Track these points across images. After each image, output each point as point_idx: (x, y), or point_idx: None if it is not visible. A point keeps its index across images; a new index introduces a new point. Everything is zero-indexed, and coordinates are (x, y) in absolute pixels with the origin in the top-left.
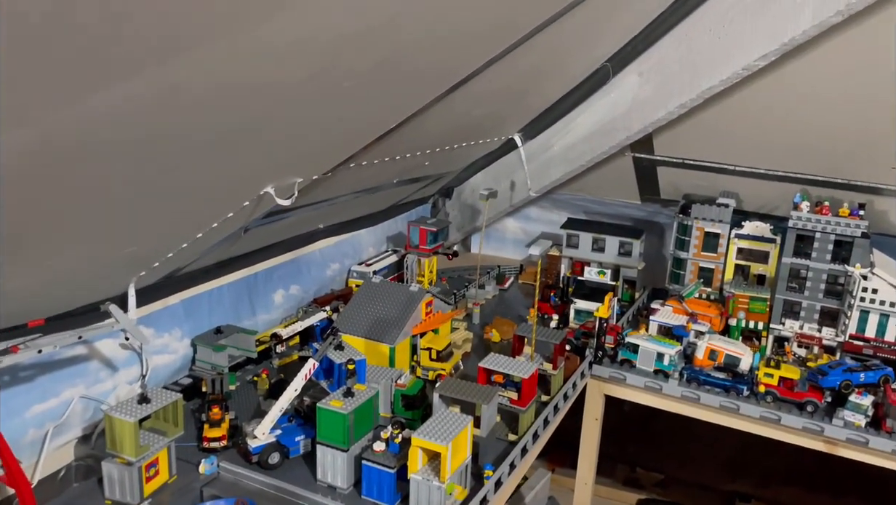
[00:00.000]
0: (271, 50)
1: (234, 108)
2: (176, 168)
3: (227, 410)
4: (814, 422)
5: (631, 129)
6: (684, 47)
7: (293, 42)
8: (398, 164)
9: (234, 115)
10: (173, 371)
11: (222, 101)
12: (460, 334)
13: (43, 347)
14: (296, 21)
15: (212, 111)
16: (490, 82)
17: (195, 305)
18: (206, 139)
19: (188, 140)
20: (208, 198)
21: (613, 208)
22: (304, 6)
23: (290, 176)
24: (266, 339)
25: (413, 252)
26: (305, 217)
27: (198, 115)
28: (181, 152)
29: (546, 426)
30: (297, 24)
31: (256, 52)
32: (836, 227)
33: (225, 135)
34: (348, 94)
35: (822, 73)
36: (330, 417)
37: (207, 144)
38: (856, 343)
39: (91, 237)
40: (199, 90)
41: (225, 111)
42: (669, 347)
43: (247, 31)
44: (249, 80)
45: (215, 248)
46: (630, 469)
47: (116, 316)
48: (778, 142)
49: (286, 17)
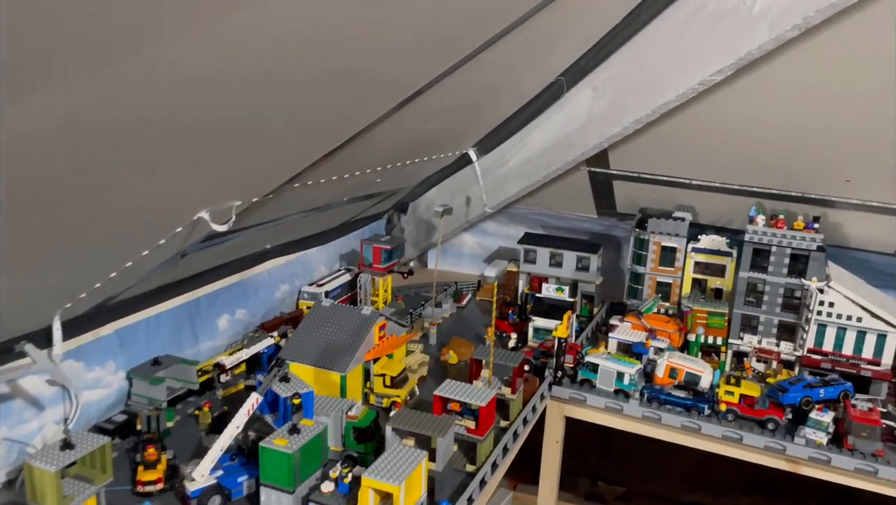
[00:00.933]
0: (193, 66)
1: (160, 129)
2: (98, 193)
3: (163, 450)
4: (776, 441)
5: (586, 144)
6: (638, 62)
7: (219, 58)
8: (348, 182)
9: (161, 136)
10: (107, 407)
11: (146, 122)
12: (416, 358)
13: None
14: (223, 35)
15: (135, 132)
16: (441, 97)
17: (131, 334)
18: (131, 162)
19: (111, 162)
20: (136, 225)
21: (570, 222)
22: (230, 19)
23: (226, 199)
24: (209, 368)
25: (366, 271)
26: (251, 238)
27: (120, 135)
28: (103, 176)
29: (505, 455)
30: (224, 38)
31: (177, 68)
32: (791, 240)
33: (152, 157)
34: (286, 113)
35: (776, 88)
36: (274, 457)
37: (133, 167)
38: (814, 357)
39: (5, 271)
40: (120, 109)
41: (150, 132)
42: (629, 366)
43: (163, 47)
44: (173, 100)
45: (151, 274)
46: (592, 483)
47: (33, 356)
48: (733, 155)
49: (208, 34)
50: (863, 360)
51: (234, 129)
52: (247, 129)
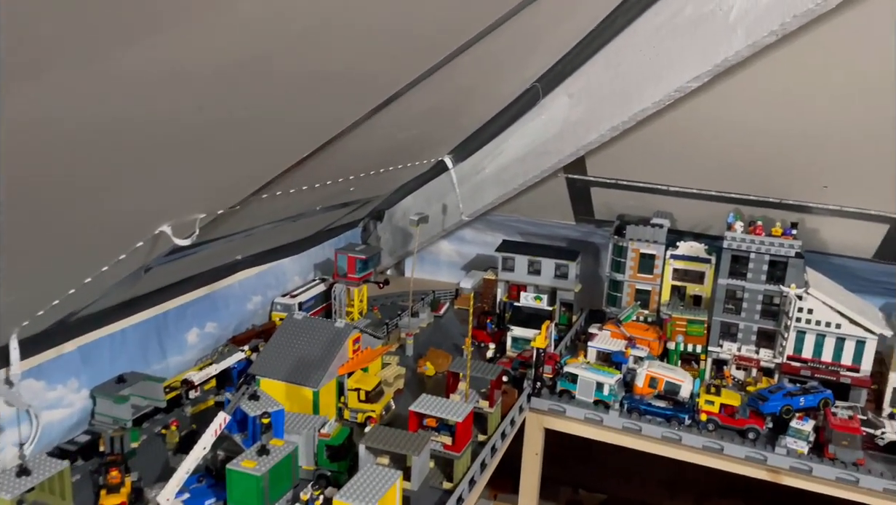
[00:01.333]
0: (146, 68)
1: (116, 139)
2: (52, 207)
3: (128, 472)
4: (756, 451)
5: (563, 151)
6: (614, 68)
7: (174, 59)
8: (320, 191)
9: (118, 147)
10: (70, 427)
11: (100, 131)
12: (392, 371)
13: None
14: (179, 35)
15: (89, 142)
16: (414, 104)
17: (94, 351)
18: (86, 174)
19: (65, 175)
20: (94, 240)
21: (548, 229)
22: (187, 19)
23: (189, 212)
24: (176, 385)
25: (341, 281)
26: (221, 249)
27: (74, 145)
28: (57, 189)
29: (483, 470)
30: (182, 38)
31: (129, 70)
32: (769, 247)
33: (109, 169)
34: (251, 121)
35: (753, 94)
36: (242, 480)
37: (89, 180)
38: (793, 364)
39: None
40: (74, 116)
41: (105, 141)
42: (609, 376)
43: (122, 54)
44: (128, 106)
45: (114, 289)
46: (573, 491)
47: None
48: (710, 162)
49: (163, 34)
50: (842, 366)
51: (194, 139)
52: (209, 139)
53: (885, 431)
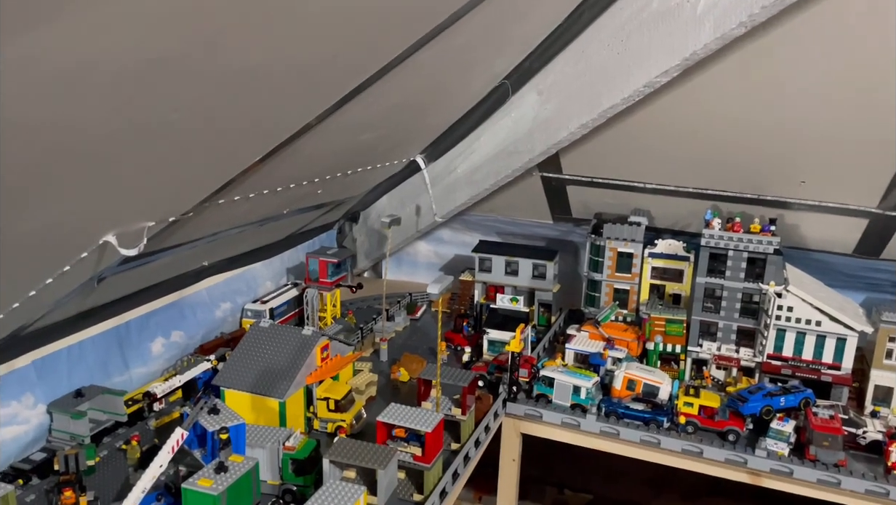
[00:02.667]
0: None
1: (50, 140)
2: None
3: (83, 492)
4: (736, 453)
5: (534, 150)
6: (583, 64)
7: (102, 46)
8: (282, 194)
9: (54, 150)
10: (25, 444)
11: (30, 130)
12: (363, 378)
13: None
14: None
15: (20, 143)
16: (372, 104)
17: (51, 364)
18: (19, 179)
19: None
20: (34, 251)
21: (526, 228)
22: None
23: (136, 220)
24: (139, 397)
25: (313, 286)
26: (185, 255)
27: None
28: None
29: (456, 481)
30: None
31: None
32: (748, 244)
33: (45, 174)
34: (185, 123)
35: (728, 88)
36: (198, 500)
37: (23, 185)
38: (774, 363)
39: None
40: None
41: (39, 143)
42: (586, 380)
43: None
44: (61, 102)
45: (65, 300)
46: (558, 491)
47: None
48: (686, 158)
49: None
50: (823, 364)
51: (134, 141)
52: (143, 144)
53: (866, 431)
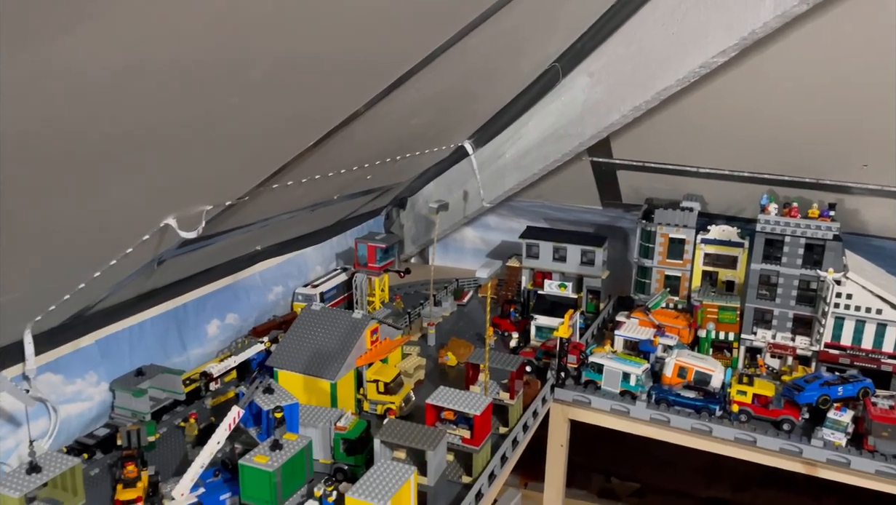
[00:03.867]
0: (135, 54)
1: (116, 133)
2: (55, 203)
3: (144, 466)
4: (791, 443)
5: (584, 134)
6: (636, 45)
7: (156, 38)
8: (334, 179)
9: (119, 140)
10: (89, 420)
11: (100, 124)
12: (412, 361)
13: None
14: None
15: (90, 135)
16: (423, 88)
17: (113, 344)
18: (88, 168)
19: (67, 169)
20: (100, 234)
21: (574, 214)
22: None
23: (195, 204)
24: (196, 377)
25: (362, 271)
26: (239, 240)
27: (76, 139)
28: (59, 184)
29: (504, 464)
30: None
31: (121, 58)
32: (806, 229)
33: (111, 163)
34: (244, 109)
35: (787, 68)
36: (254, 475)
37: (91, 173)
38: (831, 352)
39: None
40: (74, 111)
41: (105, 135)
42: (636, 366)
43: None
44: (128, 99)
45: (127, 282)
46: (605, 479)
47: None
48: (742, 141)
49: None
50: (883, 353)
51: (192, 131)
52: (207, 130)
53: None
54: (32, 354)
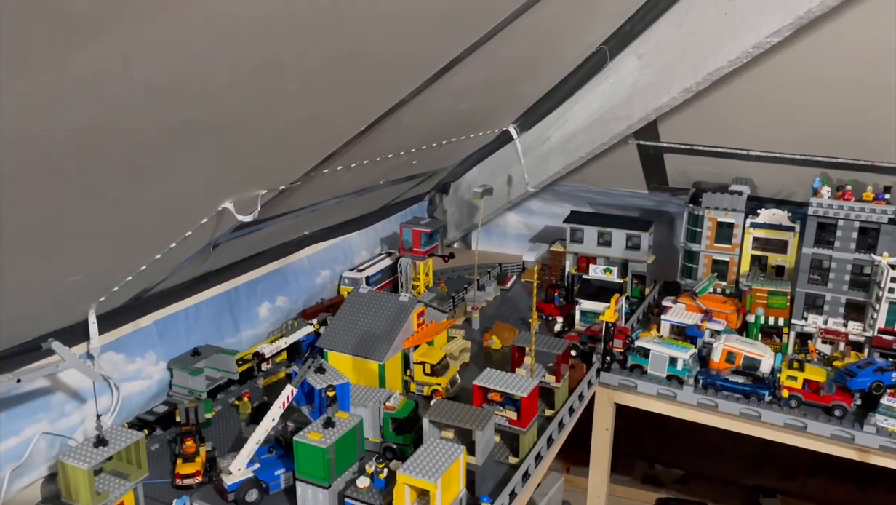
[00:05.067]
0: (199, 47)
1: (178, 119)
2: (118, 187)
3: (202, 442)
4: (843, 429)
5: (632, 117)
6: (686, 26)
7: (217, 31)
8: (381, 165)
9: (180, 127)
10: (149, 398)
11: (159, 108)
12: (457, 344)
13: None
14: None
15: (153, 123)
16: (471, 73)
17: (170, 325)
18: (150, 153)
19: (130, 154)
20: (161, 217)
21: (619, 199)
22: None
23: (250, 188)
24: (248, 358)
25: (406, 255)
26: (288, 225)
27: (139, 126)
28: (123, 168)
29: (550, 446)
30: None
31: (185, 51)
32: (860, 213)
33: (171, 148)
34: (300, 96)
35: (842, 47)
36: (308, 452)
37: (152, 159)
38: (885, 338)
39: (21, 272)
40: (133, 93)
41: (168, 122)
42: (683, 351)
43: (164, 27)
44: (180, 85)
45: (184, 265)
46: (648, 465)
47: (61, 354)
48: (794, 123)
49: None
50: None
51: (250, 117)
52: (264, 116)
53: None
54: (96, 334)
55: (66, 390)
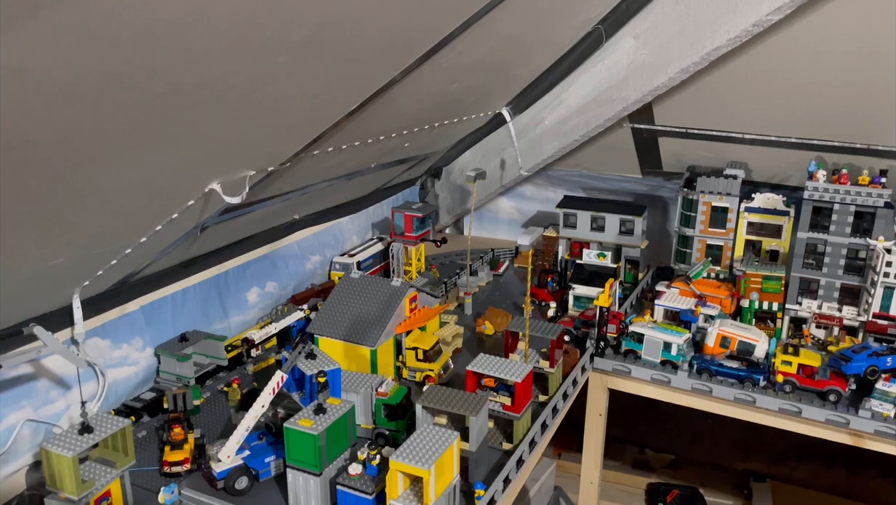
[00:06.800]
0: (180, 8)
1: (162, 93)
2: (102, 166)
3: (190, 429)
4: (838, 413)
5: (628, 98)
6: (684, 4)
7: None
8: (372, 147)
9: (164, 102)
10: (136, 384)
11: (145, 85)
12: (450, 329)
13: None
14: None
15: (135, 97)
16: (464, 52)
17: (157, 310)
18: (134, 131)
19: (113, 132)
20: (146, 199)
21: (613, 183)
22: None
23: (238, 169)
24: (237, 343)
25: (398, 240)
26: (277, 209)
27: (121, 100)
28: (105, 146)
29: (544, 431)
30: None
31: (163, 17)
32: (855, 196)
33: (156, 126)
34: (288, 71)
35: (838, 29)
36: (299, 438)
37: (136, 137)
38: (880, 323)
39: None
40: (115, 69)
41: (151, 97)
42: (677, 336)
43: None
44: (170, 59)
45: (171, 248)
46: (639, 450)
47: (43, 339)
48: (790, 106)
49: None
50: None
51: (237, 91)
52: (252, 92)
53: None
54: (81, 319)
55: (51, 377)
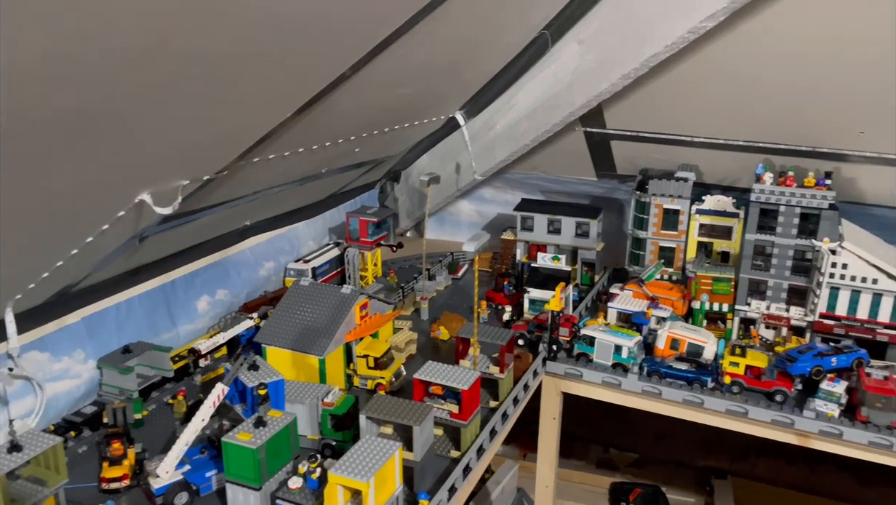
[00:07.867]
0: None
1: (86, 100)
2: (22, 179)
3: (131, 444)
4: (784, 414)
5: (574, 103)
6: (624, 10)
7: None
8: (319, 153)
9: (89, 107)
10: (78, 398)
11: (62, 95)
12: (403, 336)
13: None
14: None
15: (55, 106)
16: (409, 54)
17: (100, 321)
18: (54, 140)
19: (31, 143)
20: (71, 210)
21: (570, 186)
22: None
23: (170, 179)
24: (184, 354)
25: (353, 245)
26: (227, 215)
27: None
28: (24, 159)
29: (493, 438)
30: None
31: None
32: (801, 199)
33: (77, 136)
34: (206, 82)
35: (781, 33)
36: (238, 453)
37: (57, 147)
38: (826, 322)
39: None
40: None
41: (73, 104)
42: (628, 339)
43: None
44: (81, 69)
45: (112, 258)
46: (603, 449)
47: None
48: (737, 110)
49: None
50: (879, 324)
51: (147, 105)
52: (166, 104)
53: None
54: (15, 333)
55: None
